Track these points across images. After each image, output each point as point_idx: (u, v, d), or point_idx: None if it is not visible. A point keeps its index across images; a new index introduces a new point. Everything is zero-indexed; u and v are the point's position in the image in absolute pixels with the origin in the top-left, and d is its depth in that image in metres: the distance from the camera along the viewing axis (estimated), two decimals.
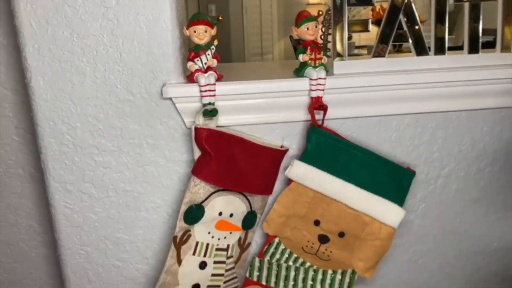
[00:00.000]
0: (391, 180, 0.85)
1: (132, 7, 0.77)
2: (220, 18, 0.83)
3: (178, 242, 0.82)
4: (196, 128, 0.78)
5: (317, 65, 0.82)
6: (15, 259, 1.01)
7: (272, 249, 0.90)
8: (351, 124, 0.88)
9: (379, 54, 0.85)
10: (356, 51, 2.28)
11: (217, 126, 0.81)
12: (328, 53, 0.87)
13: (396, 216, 0.84)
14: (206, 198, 0.82)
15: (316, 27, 0.82)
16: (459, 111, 0.90)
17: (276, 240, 0.89)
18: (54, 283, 1.03)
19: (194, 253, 0.84)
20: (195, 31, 0.78)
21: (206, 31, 0.79)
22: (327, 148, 0.84)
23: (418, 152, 0.92)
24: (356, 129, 0.88)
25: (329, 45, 0.95)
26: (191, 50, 0.80)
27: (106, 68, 0.80)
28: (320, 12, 0.84)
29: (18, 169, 0.95)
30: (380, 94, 0.85)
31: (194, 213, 0.81)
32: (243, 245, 0.90)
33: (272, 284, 0.91)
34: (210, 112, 0.79)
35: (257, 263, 0.90)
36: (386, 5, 0.84)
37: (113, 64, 0.80)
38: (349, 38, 0.88)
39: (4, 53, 0.89)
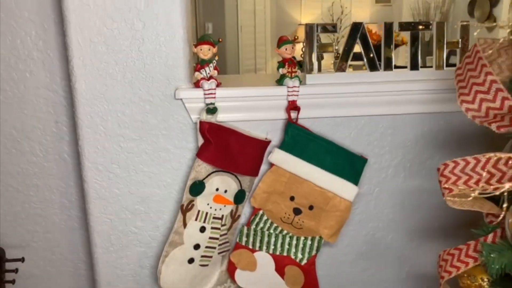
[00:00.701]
0: (348, 165, 1.10)
1: (154, 30, 1.03)
2: (220, 40, 1.09)
3: (184, 209, 1.07)
4: (200, 122, 1.03)
5: (293, 76, 1.08)
6: (48, 230, 1.23)
7: (257, 220, 1.14)
8: (320, 122, 1.13)
9: (341, 69, 1.11)
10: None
11: (217, 121, 1.07)
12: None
13: (352, 192, 1.10)
14: (207, 176, 1.07)
15: (292, 48, 1.08)
16: (404, 114, 1.16)
17: (260, 212, 1.14)
18: (79, 250, 1.25)
19: (196, 219, 1.08)
20: (201, 49, 1.04)
21: (209, 49, 1.05)
22: (300, 139, 1.09)
23: (373, 147, 1.17)
24: (324, 126, 1.13)
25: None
26: (198, 63, 1.06)
27: (132, 75, 1.05)
28: (296, 37, 1.11)
29: (55, 155, 1.19)
30: (342, 100, 1.11)
31: (197, 187, 1.06)
32: (234, 216, 1.15)
33: (257, 248, 1.15)
34: (211, 110, 1.05)
35: (245, 231, 1.15)
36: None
37: (138, 72, 1.05)
38: (322, 57, 1.15)
39: (49, 63, 1.13)
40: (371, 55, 1.11)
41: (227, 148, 1.07)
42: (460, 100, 0.75)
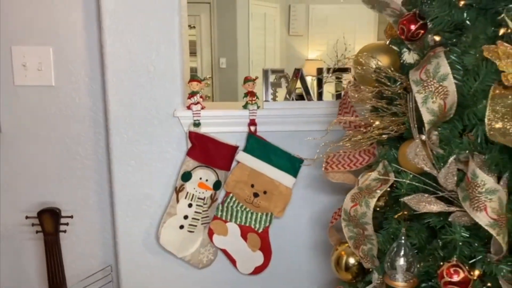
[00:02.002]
0: (289, 163, 1.61)
1: (161, 72, 1.58)
2: (205, 78, 1.63)
3: (177, 190, 1.60)
4: (189, 132, 1.57)
5: (252, 103, 1.61)
6: (87, 206, 1.76)
7: (228, 200, 1.66)
8: (273, 135, 1.65)
9: (287, 99, 1.64)
10: None
11: (200, 132, 1.60)
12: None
13: (291, 182, 1.61)
14: (193, 169, 1.60)
15: (253, 84, 1.62)
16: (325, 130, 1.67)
17: (231, 195, 1.65)
18: (107, 220, 1.76)
19: (185, 198, 1.61)
20: (191, 84, 1.59)
21: (197, 84, 1.59)
22: (257, 145, 1.61)
23: (308, 153, 1.67)
24: (275, 137, 1.65)
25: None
26: (190, 94, 1.60)
27: (146, 101, 1.59)
28: (256, 77, 1.65)
29: (93, 155, 1.73)
30: (288, 120, 1.63)
31: (186, 176, 1.59)
32: (213, 198, 1.66)
33: (228, 220, 1.66)
34: (197, 125, 1.58)
35: (220, 207, 1.66)
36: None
37: (149, 99, 1.59)
38: (276, 91, 1.68)
39: (92, 93, 1.68)
40: (308, 91, 1.64)
41: (207, 150, 1.60)
42: (337, 117, 1.27)
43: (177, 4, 1.56)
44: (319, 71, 1.65)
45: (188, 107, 1.59)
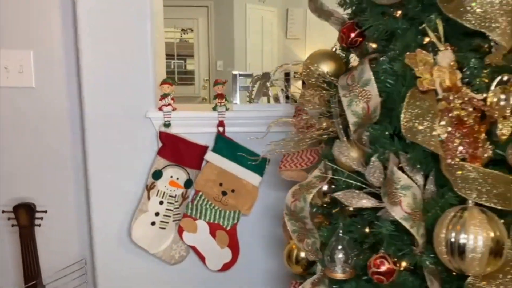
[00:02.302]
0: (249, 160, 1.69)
1: (136, 78, 1.66)
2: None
3: (148, 188, 1.67)
4: (160, 132, 1.65)
5: (221, 105, 1.69)
6: (64, 198, 1.84)
7: (198, 198, 1.73)
8: (239, 135, 1.72)
9: (252, 101, 1.71)
10: None
11: (170, 132, 1.67)
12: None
13: (257, 180, 1.68)
14: (164, 167, 1.67)
15: (222, 87, 1.69)
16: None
17: (200, 193, 1.73)
18: (83, 212, 1.84)
19: (156, 195, 1.68)
20: (163, 87, 1.67)
21: (168, 87, 1.67)
22: (225, 145, 1.69)
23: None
24: (243, 138, 1.72)
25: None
26: (161, 96, 1.68)
27: (120, 102, 1.67)
28: (226, 80, 1.72)
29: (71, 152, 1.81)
30: (255, 121, 1.71)
31: (157, 174, 1.66)
32: (184, 196, 1.74)
33: (198, 217, 1.73)
34: (167, 125, 1.66)
35: (190, 205, 1.74)
36: None
37: (127, 101, 1.67)
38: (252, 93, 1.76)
39: (68, 93, 1.77)
40: (276, 95, 1.71)
41: (177, 150, 1.68)
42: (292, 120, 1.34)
43: (148, 11, 1.64)
44: (286, 74, 1.72)
45: (160, 109, 1.67)
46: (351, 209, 1.16)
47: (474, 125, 0.89)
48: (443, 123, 0.87)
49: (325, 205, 1.24)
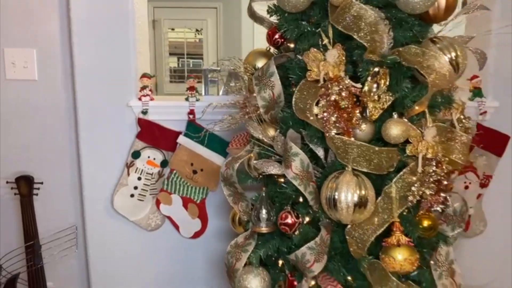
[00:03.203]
0: (220, 145, 1.96)
1: (121, 71, 1.96)
2: (153, 75, 2.00)
3: (128, 165, 1.97)
4: (138, 118, 1.95)
5: (192, 96, 1.97)
6: (58, 170, 2.15)
7: (172, 175, 2.02)
8: (208, 122, 2.00)
9: (219, 95, 1.99)
10: None
11: (148, 119, 1.97)
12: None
13: (221, 161, 1.96)
14: (142, 148, 1.97)
15: (193, 81, 1.98)
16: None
17: (175, 171, 2.02)
18: (76, 187, 2.15)
19: (135, 172, 1.98)
20: (142, 80, 1.96)
21: (147, 80, 1.96)
22: (195, 131, 1.97)
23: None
24: (210, 124, 2.00)
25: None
26: (141, 87, 1.97)
27: (107, 93, 1.97)
28: (196, 75, 2.00)
29: (67, 134, 2.12)
30: (220, 110, 1.98)
31: (136, 154, 1.96)
32: (160, 174, 2.03)
33: (172, 192, 2.02)
34: (145, 113, 1.95)
35: (166, 181, 2.02)
36: None
37: (109, 92, 1.97)
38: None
39: (65, 85, 2.08)
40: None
41: (153, 134, 1.97)
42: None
43: (131, 17, 1.94)
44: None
45: (139, 99, 1.97)
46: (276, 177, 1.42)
47: (348, 107, 1.15)
48: (321, 104, 1.13)
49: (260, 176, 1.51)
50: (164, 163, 2.01)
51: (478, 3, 1.38)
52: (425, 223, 1.24)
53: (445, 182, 1.19)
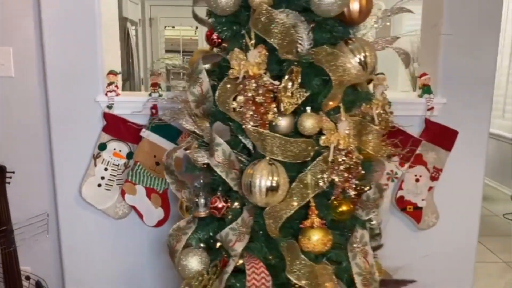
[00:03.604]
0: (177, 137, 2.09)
1: (90, 68, 2.10)
2: (119, 72, 2.14)
3: (95, 157, 2.11)
4: (104, 112, 2.08)
5: (155, 91, 2.10)
6: (31, 157, 2.30)
7: (136, 167, 2.15)
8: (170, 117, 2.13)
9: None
10: None
11: (113, 113, 2.10)
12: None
13: (182, 153, 2.09)
14: (108, 141, 2.11)
15: (156, 76, 2.11)
16: None
17: (139, 163, 2.15)
18: (49, 179, 2.30)
19: (102, 163, 2.12)
20: (109, 76, 2.10)
21: (113, 76, 2.10)
22: (157, 125, 2.10)
23: None
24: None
25: None
26: (108, 83, 2.11)
27: (76, 88, 2.11)
28: (159, 72, 2.13)
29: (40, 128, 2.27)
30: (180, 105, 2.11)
31: (102, 146, 2.10)
32: (126, 165, 2.17)
33: (137, 182, 2.15)
34: (110, 107, 2.09)
35: (130, 173, 2.16)
36: None
37: (78, 88, 2.11)
38: None
39: (39, 81, 2.22)
40: None
41: (118, 127, 2.10)
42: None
43: (98, 18, 2.07)
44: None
45: (106, 94, 2.10)
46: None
47: (265, 103, 1.27)
48: (238, 99, 1.25)
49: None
50: (130, 155, 2.15)
51: (400, 5, 1.50)
52: (340, 208, 1.36)
53: (357, 171, 1.31)
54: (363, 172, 1.33)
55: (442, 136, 2.14)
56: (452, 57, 2.14)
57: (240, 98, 1.26)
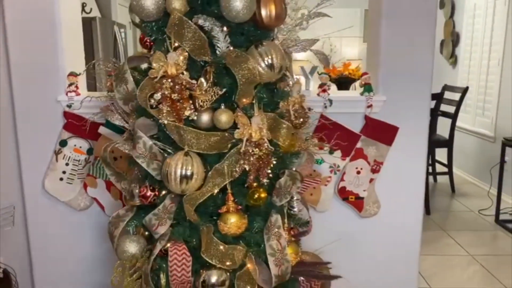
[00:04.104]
0: None
1: (51, 69, 2.25)
2: (80, 73, 2.29)
3: (56, 152, 2.26)
4: (64, 111, 2.24)
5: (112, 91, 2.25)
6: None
7: (97, 162, 2.30)
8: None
9: None
10: None
11: (74, 112, 2.25)
12: None
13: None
14: (68, 138, 2.26)
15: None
16: None
17: (98, 158, 2.30)
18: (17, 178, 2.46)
19: (63, 158, 2.27)
20: (69, 78, 2.25)
21: (73, 77, 2.25)
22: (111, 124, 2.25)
23: None
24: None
25: None
26: (69, 84, 2.26)
27: (40, 89, 2.27)
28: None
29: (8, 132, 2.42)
30: None
31: (63, 142, 2.25)
32: (87, 160, 2.32)
33: (98, 176, 2.30)
34: (70, 106, 2.24)
35: (92, 167, 2.31)
36: None
37: (41, 88, 2.27)
38: None
39: (8, 84, 2.38)
40: None
41: (79, 125, 2.26)
42: None
43: (60, 22, 2.23)
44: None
45: (66, 94, 2.26)
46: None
47: (181, 99, 1.41)
48: (155, 96, 1.40)
49: None
50: (90, 151, 2.30)
51: (319, 10, 1.64)
52: (255, 195, 1.50)
53: (267, 161, 1.45)
54: (274, 162, 1.47)
55: (382, 131, 2.27)
56: (391, 57, 2.27)
57: (157, 95, 1.40)
